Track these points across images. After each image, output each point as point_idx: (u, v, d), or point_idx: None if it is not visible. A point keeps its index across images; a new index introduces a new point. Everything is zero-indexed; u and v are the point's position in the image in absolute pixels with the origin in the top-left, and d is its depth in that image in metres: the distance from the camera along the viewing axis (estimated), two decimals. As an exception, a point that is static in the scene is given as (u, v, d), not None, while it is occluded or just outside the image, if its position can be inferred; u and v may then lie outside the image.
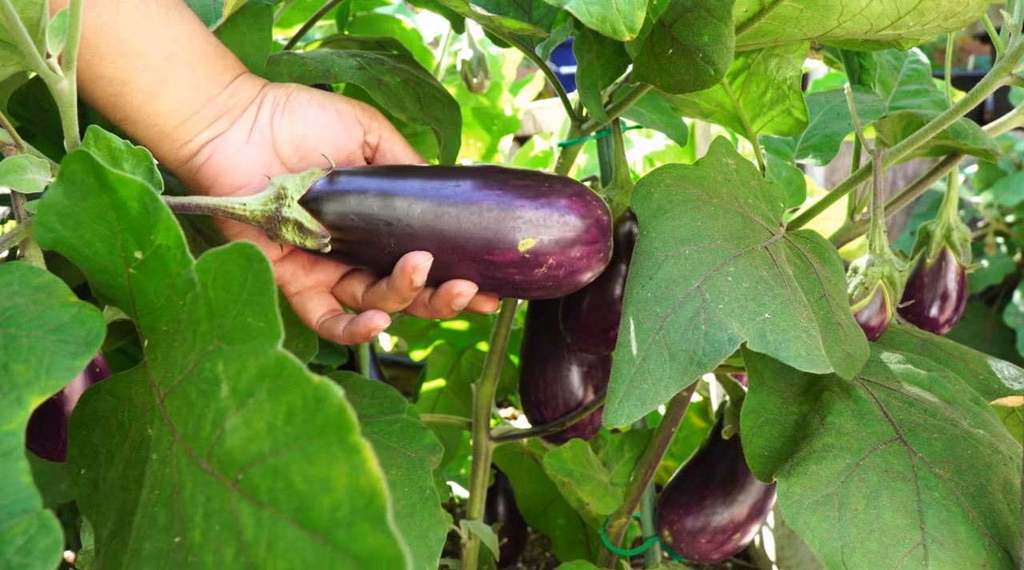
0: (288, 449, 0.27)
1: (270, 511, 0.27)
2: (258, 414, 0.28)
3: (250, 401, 0.29)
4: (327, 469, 0.26)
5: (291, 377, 0.28)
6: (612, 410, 0.38)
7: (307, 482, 0.26)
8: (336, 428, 0.26)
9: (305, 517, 0.26)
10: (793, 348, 0.38)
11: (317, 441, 0.26)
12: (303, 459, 0.26)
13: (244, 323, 0.31)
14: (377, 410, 0.68)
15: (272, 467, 0.27)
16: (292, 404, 0.27)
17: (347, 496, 0.25)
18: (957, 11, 0.46)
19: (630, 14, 0.37)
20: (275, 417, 0.28)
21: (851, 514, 0.40)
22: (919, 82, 0.82)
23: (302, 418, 0.27)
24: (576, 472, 0.77)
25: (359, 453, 0.25)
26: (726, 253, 0.42)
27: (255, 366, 0.29)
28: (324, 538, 0.25)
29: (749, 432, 0.46)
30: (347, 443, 0.26)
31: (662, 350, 0.38)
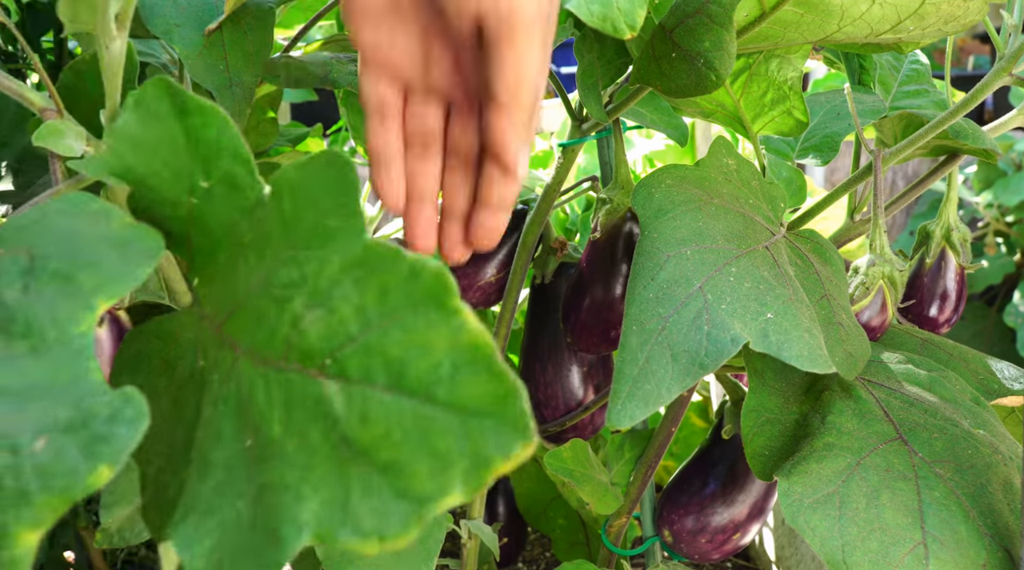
0: (380, 326, 0.26)
1: (361, 386, 0.26)
2: (344, 301, 0.28)
3: (335, 292, 0.28)
4: (424, 335, 0.26)
5: (382, 259, 0.28)
6: (615, 411, 0.38)
7: (403, 350, 0.26)
8: (432, 296, 0.26)
9: (401, 382, 0.25)
10: (795, 348, 0.38)
11: (412, 312, 0.26)
12: (398, 330, 0.26)
13: (324, 226, 0.31)
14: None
15: (363, 345, 0.27)
16: (384, 284, 0.27)
17: (447, 356, 0.25)
18: (957, 15, 0.47)
19: (631, 12, 0.37)
20: (363, 300, 0.27)
21: (852, 513, 0.40)
22: (919, 82, 0.83)
23: (395, 294, 0.27)
24: (576, 472, 0.77)
25: (458, 315, 0.25)
26: (728, 253, 0.42)
27: (338, 261, 0.29)
28: (423, 398, 0.25)
29: (750, 432, 0.46)
30: (445, 307, 0.26)
31: (665, 351, 0.38)
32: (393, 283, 0.27)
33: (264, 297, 0.31)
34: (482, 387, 0.24)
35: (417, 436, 0.25)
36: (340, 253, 0.29)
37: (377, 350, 0.26)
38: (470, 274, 0.80)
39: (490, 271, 0.80)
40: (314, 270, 0.30)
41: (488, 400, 0.24)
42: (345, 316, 0.28)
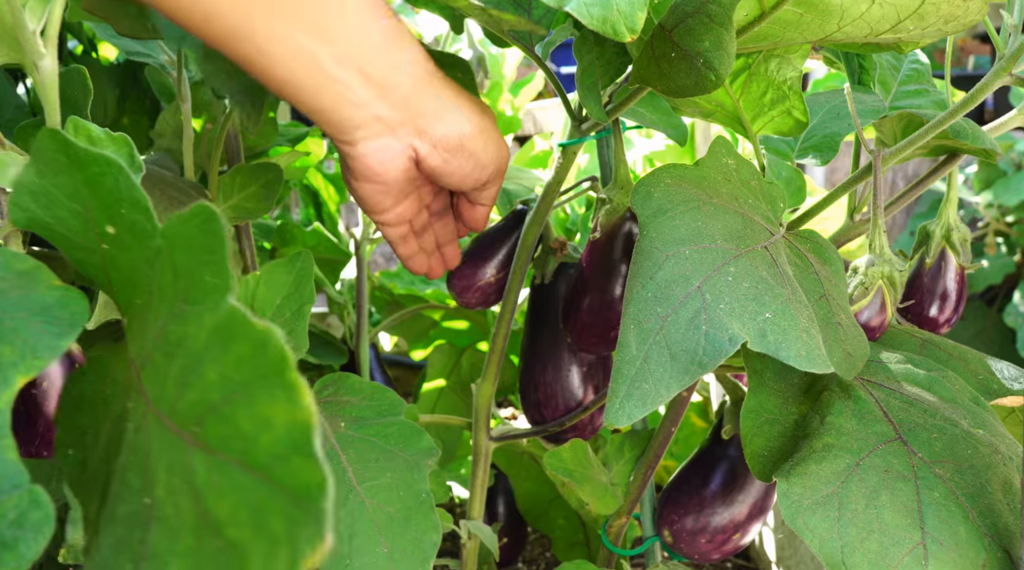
0: (236, 395, 0.27)
1: (220, 457, 0.27)
2: (212, 366, 0.29)
3: (206, 355, 0.29)
4: (268, 408, 0.26)
5: (240, 327, 0.28)
6: (613, 410, 0.38)
7: (252, 423, 0.27)
8: (277, 369, 0.27)
9: (249, 457, 0.26)
10: (794, 348, 0.38)
11: (260, 383, 0.27)
12: (248, 402, 0.27)
13: (203, 282, 0.31)
14: (374, 413, 0.68)
15: (222, 414, 0.28)
16: (240, 352, 0.28)
17: (285, 432, 0.26)
18: (957, 15, 0.46)
19: (631, 15, 0.37)
20: (226, 367, 0.28)
21: (851, 514, 0.40)
22: (919, 82, 0.83)
23: (249, 364, 0.28)
24: (576, 472, 0.77)
25: (295, 390, 0.26)
26: (726, 253, 0.42)
27: (211, 321, 0.30)
28: (265, 475, 0.26)
29: (749, 432, 0.46)
30: (285, 381, 0.26)
31: (663, 350, 0.38)
32: (247, 353, 0.28)
33: (160, 352, 0.32)
34: (309, 471, 0.25)
35: (258, 517, 0.26)
36: (212, 312, 0.30)
37: (232, 422, 0.27)
38: (469, 274, 0.80)
39: (489, 271, 0.80)
40: (193, 330, 0.31)
41: (313, 487, 0.25)
42: (211, 383, 0.29)
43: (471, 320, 1.13)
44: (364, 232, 1.03)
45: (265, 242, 1.14)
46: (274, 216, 1.34)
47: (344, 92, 0.53)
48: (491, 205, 0.69)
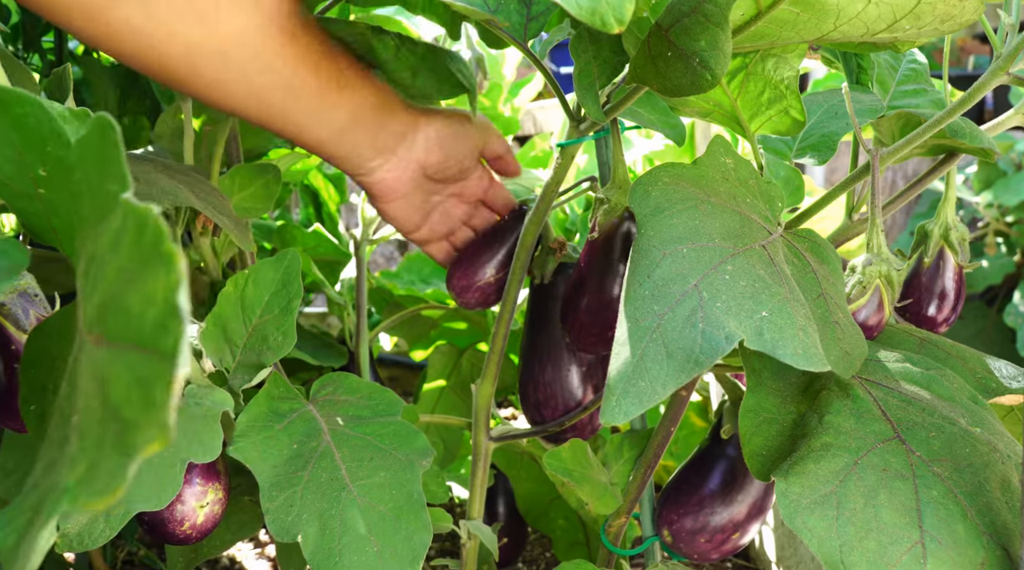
0: (130, 282, 0.28)
1: (118, 346, 0.28)
2: (113, 262, 0.29)
3: (109, 257, 0.30)
4: (152, 284, 0.27)
5: (128, 216, 0.29)
6: (609, 408, 0.38)
7: (140, 303, 0.27)
8: (155, 244, 0.27)
9: (141, 337, 0.27)
10: (790, 346, 0.38)
11: (145, 263, 0.27)
12: (138, 285, 0.27)
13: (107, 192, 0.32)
14: (371, 412, 0.68)
15: (119, 305, 0.28)
16: (130, 240, 0.29)
17: (164, 301, 0.26)
18: (953, 14, 0.46)
19: (619, 7, 0.37)
20: (121, 258, 0.29)
21: (849, 513, 0.40)
22: (917, 82, 0.83)
23: (134, 249, 0.28)
24: (575, 472, 0.77)
25: (171, 258, 0.27)
26: (724, 251, 0.42)
27: (113, 226, 0.30)
28: (152, 348, 0.26)
29: (747, 432, 0.46)
30: (162, 252, 0.27)
31: (659, 348, 0.38)
32: (132, 239, 0.29)
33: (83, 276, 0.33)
34: (177, 328, 0.26)
35: (145, 389, 0.26)
36: (115, 217, 0.31)
37: (125, 308, 0.28)
38: (469, 274, 0.80)
39: (489, 271, 0.80)
40: (104, 240, 0.31)
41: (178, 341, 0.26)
42: (111, 279, 0.29)
43: (471, 320, 1.13)
44: (364, 233, 1.03)
45: (266, 242, 1.14)
46: (274, 217, 1.34)
47: (358, 146, 0.69)
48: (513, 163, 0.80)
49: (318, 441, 0.65)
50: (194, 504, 0.67)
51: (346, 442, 0.65)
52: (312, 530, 0.59)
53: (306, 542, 0.59)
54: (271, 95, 0.64)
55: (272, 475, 0.62)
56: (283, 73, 0.63)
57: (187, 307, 0.26)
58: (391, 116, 0.70)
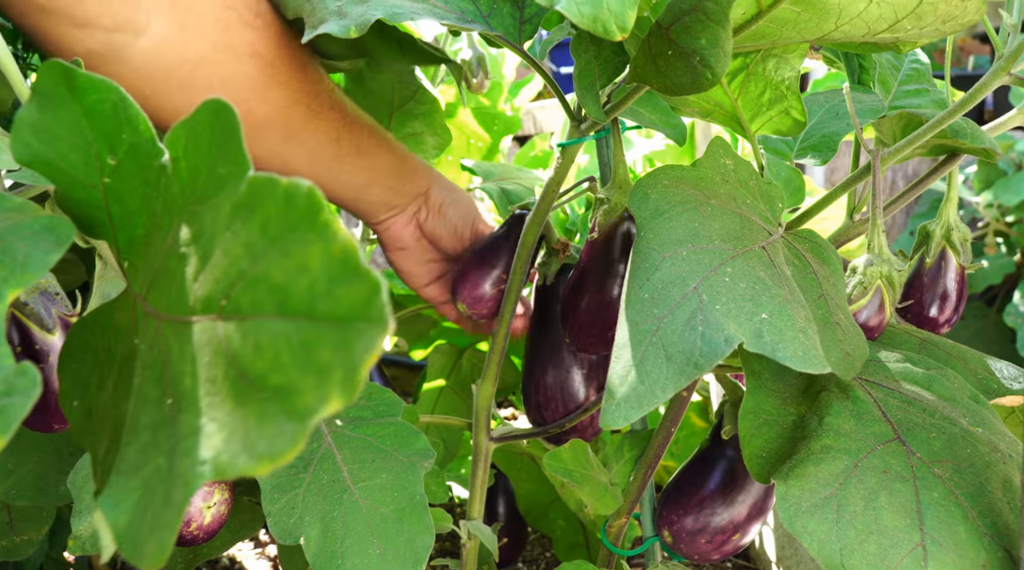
0: (266, 256, 0.27)
1: (254, 318, 0.27)
2: (235, 241, 0.29)
3: (227, 235, 0.29)
4: (302, 255, 0.26)
5: (261, 192, 0.28)
6: (610, 411, 0.37)
7: (285, 274, 0.26)
8: (307, 216, 0.27)
9: (286, 306, 0.26)
10: (790, 348, 0.38)
11: (291, 236, 0.27)
12: (280, 257, 0.27)
13: (216, 176, 0.31)
14: (372, 413, 0.68)
15: (252, 279, 0.27)
16: (266, 215, 0.28)
17: (323, 270, 0.26)
18: (955, 14, 0.46)
19: (621, 14, 0.37)
20: (251, 235, 0.28)
21: (849, 516, 0.40)
22: (919, 82, 0.82)
23: (276, 223, 0.27)
24: (576, 473, 0.77)
25: (329, 228, 0.26)
26: (723, 254, 0.42)
27: (229, 205, 0.30)
28: (306, 316, 0.26)
29: (747, 433, 0.46)
30: (317, 223, 0.26)
31: (659, 351, 0.38)
32: (273, 213, 0.28)
33: (173, 258, 0.32)
34: (354, 292, 0.25)
35: (303, 355, 0.26)
36: (230, 197, 0.30)
37: (263, 280, 0.27)
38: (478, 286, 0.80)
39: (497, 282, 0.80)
40: (210, 219, 0.30)
41: (359, 304, 0.25)
42: (236, 255, 0.28)
43: (471, 320, 1.13)
44: (363, 232, 1.03)
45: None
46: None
47: (373, 205, 0.78)
48: None
49: (319, 443, 0.64)
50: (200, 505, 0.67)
51: (347, 444, 0.65)
52: (314, 532, 0.59)
53: (308, 544, 0.59)
54: (296, 160, 0.71)
55: (274, 477, 0.62)
56: (308, 144, 0.70)
57: (364, 266, 0.25)
58: (405, 180, 0.79)
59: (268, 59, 0.65)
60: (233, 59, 0.64)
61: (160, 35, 0.61)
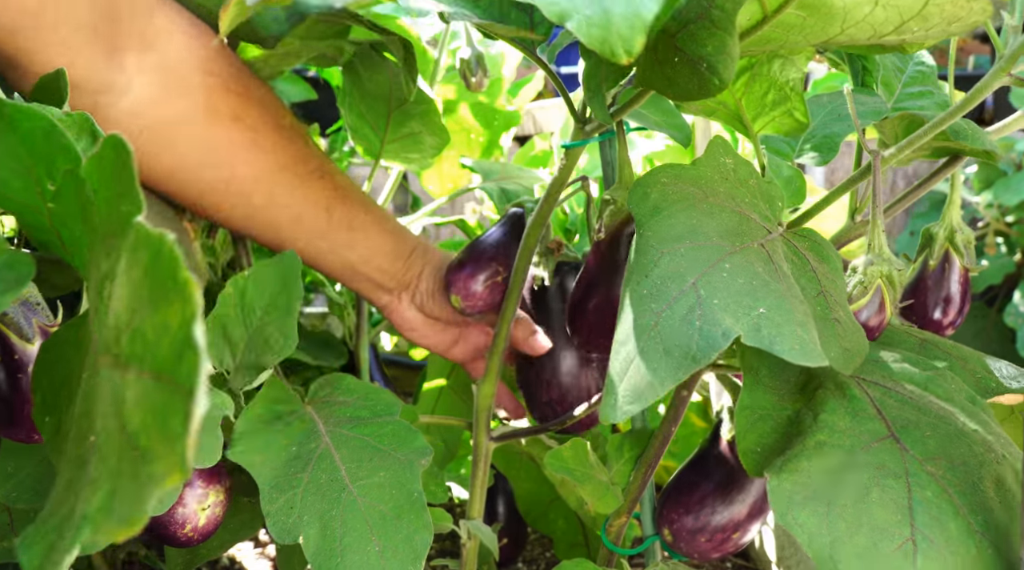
0: (143, 307, 0.28)
1: (134, 372, 0.28)
2: (127, 286, 0.29)
3: (121, 279, 0.30)
4: (166, 312, 0.27)
5: (142, 240, 0.29)
6: (608, 407, 0.38)
7: (154, 331, 0.27)
8: (170, 271, 0.27)
9: (155, 363, 0.27)
10: (787, 342, 0.38)
11: (159, 289, 0.27)
12: (151, 311, 0.27)
13: (120, 213, 0.32)
14: (369, 413, 0.68)
15: (134, 330, 0.28)
16: (145, 265, 0.28)
17: (180, 331, 0.26)
18: (961, 15, 0.46)
19: (630, 39, 0.37)
20: (134, 283, 0.29)
21: (840, 509, 0.40)
22: (923, 84, 0.82)
23: (149, 275, 0.28)
24: (577, 471, 0.77)
25: (187, 286, 0.26)
26: (722, 250, 0.42)
27: (127, 246, 0.30)
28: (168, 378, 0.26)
29: (743, 428, 0.46)
30: (178, 280, 0.27)
31: (657, 346, 0.38)
32: (148, 263, 0.28)
33: (96, 293, 0.33)
34: (194, 361, 0.26)
35: (162, 419, 0.26)
36: (128, 238, 0.30)
37: (140, 334, 0.28)
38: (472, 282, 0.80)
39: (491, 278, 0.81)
40: (115, 258, 0.31)
41: (196, 375, 0.26)
42: (126, 303, 0.29)
43: (472, 319, 1.13)
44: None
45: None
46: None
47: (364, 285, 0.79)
48: None
49: (317, 442, 0.65)
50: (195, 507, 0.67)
51: (345, 443, 0.65)
52: (313, 531, 0.59)
53: (307, 543, 0.59)
54: (284, 227, 0.72)
55: (272, 477, 0.62)
56: (294, 209, 0.71)
57: (203, 340, 0.26)
58: (399, 262, 0.79)
59: (249, 124, 0.68)
60: (215, 122, 0.66)
61: (143, 96, 0.63)
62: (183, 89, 0.65)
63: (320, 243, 0.74)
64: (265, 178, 0.69)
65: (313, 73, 1.42)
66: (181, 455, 0.25)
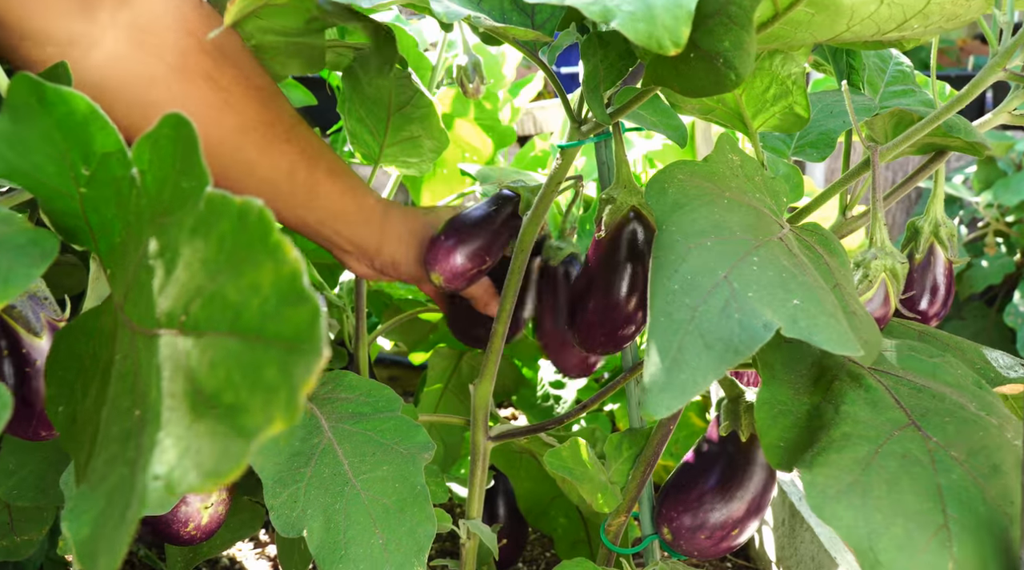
0: (221, 274, 0.28)
1: (210, 335, 0.28)
2: (194, 256, 0.29)
3: (187, 250, 0.30)
4: (255, 274, 0.27)
5: (218, 209, 0.29)
6: (652, 402, 0.38)
7: (239, 292, 0.27)
8: (259, 235, 0.27)
9: (239, 324, 0.27)
10: (824, 332, 0.39)
11: (244, 254, 0.27)
12: (234, 275, 0.27)
13: (180, 189, 0.32)
14: (371, 408, 0.69)
15: (209, 295, 0.28)
16: (222, 232, 0.28)
17: (273, 290, 0.26)
18: (959, 13, 0.48)
19: (676, 30, 0.37)
20: (208, 252, 0.29)
21: (875, 500, 0.40)
22: (904, 83, 0.84)
23: (231, 241, 0.28)
24: (575, 470, 0.78)
25: (280, 248, 0.27)
26: (747, 244, 0.43)
27: (190, 219, 0.30)
28: (257, 336, 0.26)
29: (764, 424, 0.47)
30: (268, 244, 0.27)
31: (696, 340, 0.38)
32: (228, 230, 0.28)
33: (143, 270, 0.33)
34: (299, 316, 0.26)
35: (252, 373, 0.26)
36: (191, 212, 0.30)
37: (219, 298, 0.28)
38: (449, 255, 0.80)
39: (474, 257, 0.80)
40: (175, 233, 0.31)
41: (303, 328, 0.26)
42: (195, 271, 0.29)
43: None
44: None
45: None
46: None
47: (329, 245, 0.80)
48: None
49: (319, 438, 0.65)
50: (198, 505, 0.67)
51: (347, 438, 0.65)
52: (317, 525, 0.60)
53: (311, 536, 0.59)
54: (246, 189, 0.71)
55: (275, 472, 0.62)
56: (259, 173, 0.71)
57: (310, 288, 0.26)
58: (355, 230, 0.79)
59: (223, 84, 0.67)
60: (187, 81, 0.65)
61: (114, 52, 0.62)
62: (156, 47, 0.63)
63: (278, 203, 0.74)
64: (232, 139, 0.69)
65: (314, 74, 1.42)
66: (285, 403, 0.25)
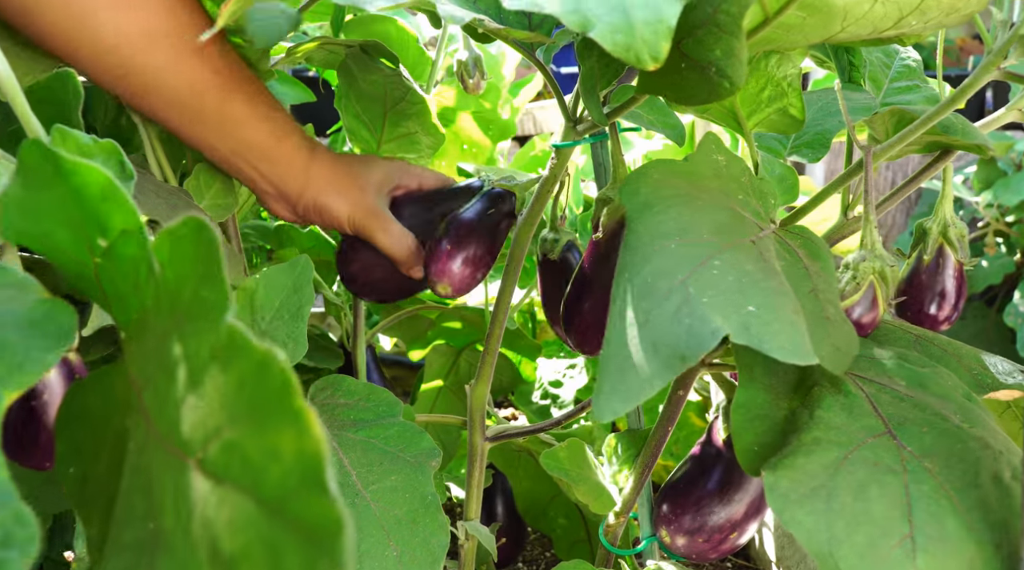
0: (240, 421, 0.27)
1: (229, 488, 0.27)
2: (213, 388, 0.28)
3: (205, 377, 0.29)
4: (276, 437, 0.26)
5: (240, 348, 0.28)
6: (599, 405, 0.37)
7: (260, 454, 0.26)
8: (280, 393, 0.26)
9: (260, 491, 0.26)
10: (776, 340, 0.38)
11: (264, 408, 0.26)
12: (254, 430, 0.26)
13: (199, 297, 0.31)
14: (372, 414, 0.68)
15: (228, 442, 0.27)
16: (242, 374, 0.27)
17: (296, 465, 0.25)
18: (958, 7, 0.46)
19: (655, 44, 0.37)
20: (227, 389, 0.28)
21: (839, 506, 0.40)
22: (910, 78, 0.82)
23: (251, 387, 0.27)
24: (573, 472, 0.77)
25: (302, 417, 0.25)
26: (712, 247, 0.42)
27: (209, 341, 0.29)
28: (277, 509, 0.25)
29: (739, 427, 0.46)
30: (291, 407, 0.26)
31: (647, 345, 0.38)
32: (248, 375, 0.27)
33: (161, 371, 0.31)
34: (323, 508, 0.24)
35: (273, 557, 0.25)
36: (212, 332, 0.29)
37: (239, 450, 0.27)
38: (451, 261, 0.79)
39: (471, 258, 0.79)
40: (192, 349, 0.30)
41: (328, 524, 0.24)
42: (215, 405, 0.28)
43: (467, 320, 1.13)
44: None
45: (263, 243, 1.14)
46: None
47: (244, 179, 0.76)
48: None
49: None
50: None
51: (352, 447, 0.65)
52: (329, 539, 0.59)
53: (323, 551, 0.59)
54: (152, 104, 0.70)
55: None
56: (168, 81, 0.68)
57: (335, 488, 0.24)
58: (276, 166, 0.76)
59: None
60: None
61: None
62: None
63: (183, 122, 0.71)
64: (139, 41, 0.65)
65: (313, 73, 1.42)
66: None
